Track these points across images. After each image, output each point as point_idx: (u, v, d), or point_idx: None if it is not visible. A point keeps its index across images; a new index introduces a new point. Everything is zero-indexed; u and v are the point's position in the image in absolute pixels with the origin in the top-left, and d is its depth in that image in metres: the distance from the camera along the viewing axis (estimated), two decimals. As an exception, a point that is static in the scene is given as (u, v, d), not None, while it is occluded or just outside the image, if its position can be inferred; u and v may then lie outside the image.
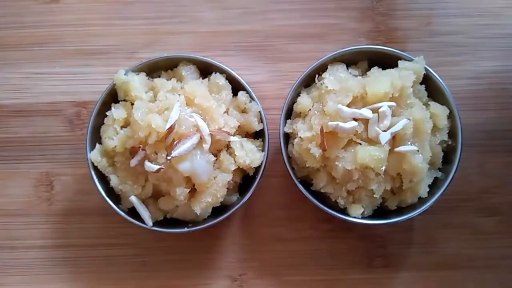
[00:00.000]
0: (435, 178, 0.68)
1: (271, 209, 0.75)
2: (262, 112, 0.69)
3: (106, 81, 0.72)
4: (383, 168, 0.61)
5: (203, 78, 0.71)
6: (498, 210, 0.75)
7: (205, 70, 0.71)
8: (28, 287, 0.75)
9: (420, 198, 0.66)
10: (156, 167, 0.61)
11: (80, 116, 0.78)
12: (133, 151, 0.63)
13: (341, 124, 0.61)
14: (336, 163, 0.62)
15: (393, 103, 0.62)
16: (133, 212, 0.67)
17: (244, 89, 0.69)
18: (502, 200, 0.75)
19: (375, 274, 0.74)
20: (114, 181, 0.66)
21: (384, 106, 0.61)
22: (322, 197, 0.69)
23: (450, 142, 0.68)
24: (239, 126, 0.68)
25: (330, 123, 0.61)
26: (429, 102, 0.68)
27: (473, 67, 0.78)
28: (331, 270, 0.74)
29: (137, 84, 0.67)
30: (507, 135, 0.77)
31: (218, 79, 0.69)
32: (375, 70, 0.67)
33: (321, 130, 0.62)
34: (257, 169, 0.68)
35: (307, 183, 0.69)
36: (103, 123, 0.68)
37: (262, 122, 0.69)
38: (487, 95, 0.77)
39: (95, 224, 0.75)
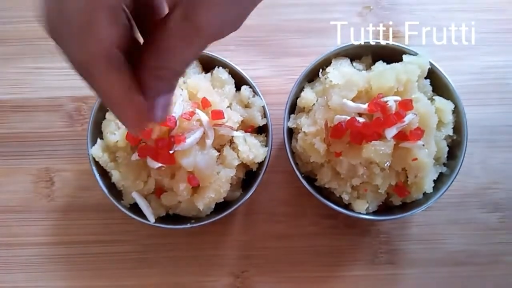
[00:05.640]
0: (440, 173, 0.67)
1: (274, 205, 0.75)
2: (266, 107, 0.68)
3: (107, 76, 0.71)
4: (388, 163, 0.61)
5: (205, 73, 0.70)
6: (502, 205, 0.75)
7: (208, 64, 0.71)
8: (29, 284, 0.74)
9: (424, 193, 0.65)
10: (159, 162, 0.60)
11: (80, 111, 0.77)
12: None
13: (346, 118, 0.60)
14: (341, 158, 0.62)
15: (398, 98, 0.62)
16: (135, 208, 0.66)
17: (247, 83, 0.69)
18: (506, 196, 0.75)
19: (378, 271, 0.74)
20: (115, 176, 0.65)
21: (390, 101, 0.60)
22: (326, 193, 0.68)
23: (455, 137, 0.68)
24: (242, 121, 0.67)
25: (335, 117, 0.61)
26: (433, 97, 0.68)
27: (478, 62, 0.77)
28: (334, 267, 0.74)
29: (139, 78, 0.66)
30: (511, 131, 0.76)
31: (221, 73, 0.68)
32: (380, 65, 0.67)
33: (326, 124, 0.62)
34: (261, 164, 0.67)
35: (311, 178, 0.69)
36: (104, 118, 0.68)
37: (265, 117, 0.68)
38: (491, 90, 0.77)
39: (96, 220, 0.74)
